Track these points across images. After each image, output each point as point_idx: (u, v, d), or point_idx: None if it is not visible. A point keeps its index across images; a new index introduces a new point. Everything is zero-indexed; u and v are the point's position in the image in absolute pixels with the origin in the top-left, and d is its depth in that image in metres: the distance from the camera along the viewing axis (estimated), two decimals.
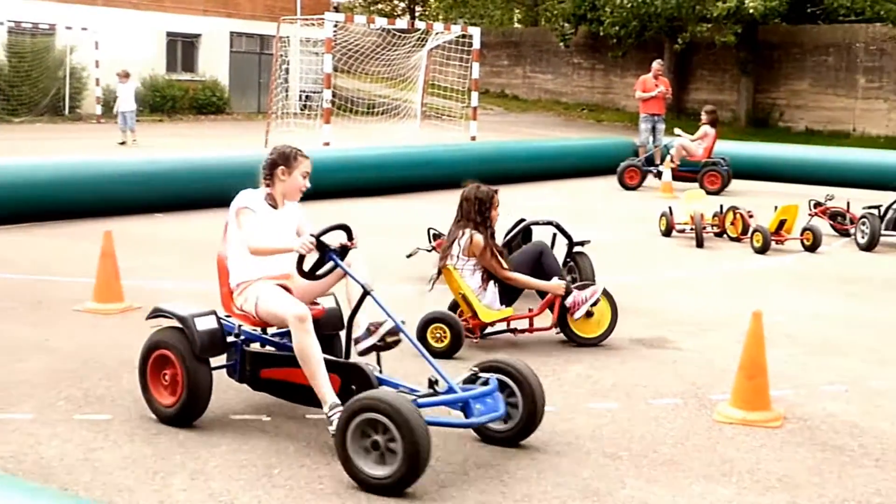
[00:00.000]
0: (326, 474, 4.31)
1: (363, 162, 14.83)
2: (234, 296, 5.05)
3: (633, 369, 6.07)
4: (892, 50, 29.62)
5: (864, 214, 11.08)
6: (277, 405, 5.12)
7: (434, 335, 6.29)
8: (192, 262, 9.01)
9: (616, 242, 10.83)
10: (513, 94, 40.13)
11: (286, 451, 4.55)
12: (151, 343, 4.91)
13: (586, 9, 33.43)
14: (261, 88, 34.07)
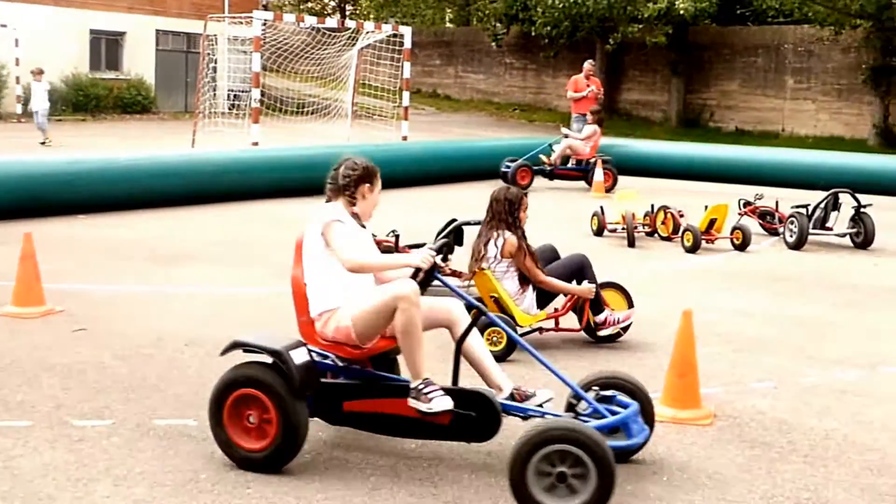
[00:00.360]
0: (254, 479, 4.27)
1: (293, 162, 14.73)
2: (318, 326, 4.61)
3: (566, 368, 6.07)
4: (819, 51, 30.27)
5: (793, 214, 11.30)
6: (206, 409, 5.05)
7: (490, 339, 6.24)
8: (115, 265, 8.87)
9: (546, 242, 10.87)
10: (445, 93, 40.21)
11: (213, 456, 4.49)
12: (230, 381, 4.34)
13: (518, 9, 33.65)
14: (188, 87, 33.67)
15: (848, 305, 8.24)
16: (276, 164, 14.48)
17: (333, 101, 23.11)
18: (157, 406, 5.15)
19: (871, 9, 26.25)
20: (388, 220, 11.78)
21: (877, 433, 5.12)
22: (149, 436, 4.75)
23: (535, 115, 35.90)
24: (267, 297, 7.82)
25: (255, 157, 14.72)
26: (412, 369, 4.44)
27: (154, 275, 8.53)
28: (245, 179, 13.77)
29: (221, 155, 14.42)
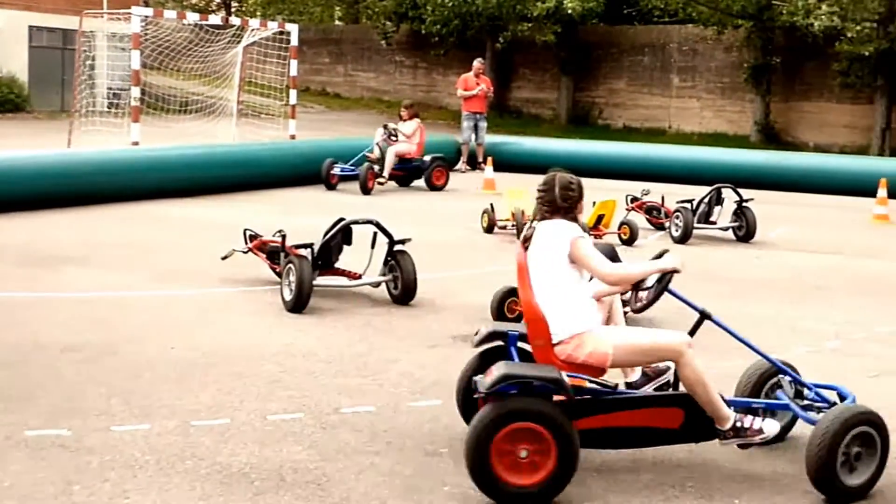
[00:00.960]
0: (132, 488, 4.14)
1: (175, 162, 14.44)
2: (567, 348, 4.47)
3: (455, 366, 6.05)
4: (703, 50, 31.03)
5: (678, 208, 11.55)
6: (81, 416, 4.90)
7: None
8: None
9: (438, 240, 10.91)
10: (334, 92, 39.97)
11: (88, 467, 4.35)
12: (501, 415, 4.05)
13: (408, 7, 33.67)
14: (64, 85, 32.67)
15: (731, 297, 8.44)
16: (157, 164, 14.16)
17: (218, 100, 22.74)
18: (29, 416, 4.95)
19: (752, 9, 27.06)
20: (275, 220, 11.67)
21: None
22: (19, 447, 4.56)
23: (427, 113, 35.92)
24: (148, 301, 7.63)
25: (136, 157, 14.38)
26: (717, 413, 4.45)
27: (29, 279, 8.23)
28: (125, 180, 13.41)
29: (100, 155, 14.04)
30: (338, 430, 4.92)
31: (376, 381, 5.75)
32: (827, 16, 24.74)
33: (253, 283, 8.36)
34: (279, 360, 6.11)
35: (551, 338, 4.48)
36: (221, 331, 6.76)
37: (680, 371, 4.45)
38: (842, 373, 6.20)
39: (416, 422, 5.07)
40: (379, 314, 7.43)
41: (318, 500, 4.10)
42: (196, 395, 5.38)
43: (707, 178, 15.21)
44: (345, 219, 8.08)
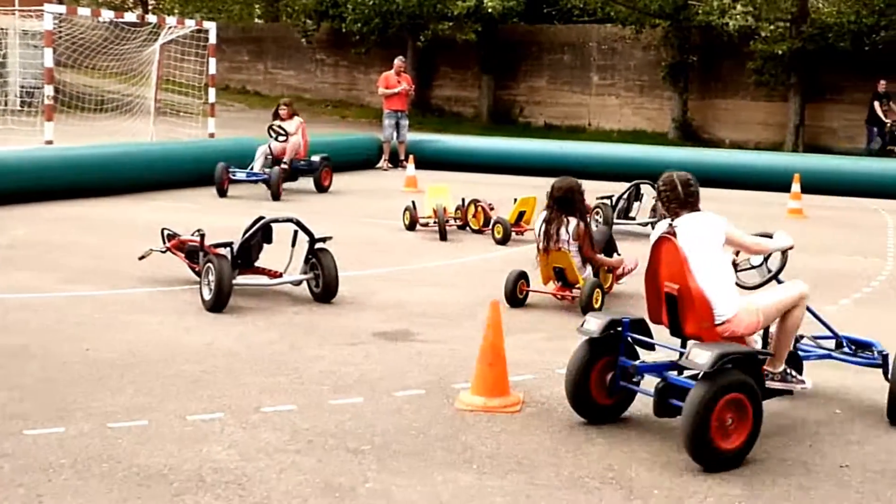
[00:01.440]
0: (46, 492, 4.05)
1: (90, 161, 14.16)
2: (731, 326, 4.97)
3: (377, 363, 6.10)
4: (622, 49, 31.40)
5: (598, 204, 11.64)
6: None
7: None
8: None
9: (360, 238, 10.88)
10: (254, 90, 39.59)
11: (0, 472, 4.24)
12: (722, 388, 4.49)
13: (328, 5, 33.49)
14: None
15: None
16: (71, 163, 13.87)
17: (136, 98, 22.38)
18: None
19: (669, 9, 27.46)
20: (194, 219, 11.52)
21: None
22: None
23: (348, 111, 35.82)
24: (62, 302, 7.47)
25: (49, 156, 14.07)
26: (780, 355, 5.20)
27: None
28: (38, 179, 13.11)
29: (11, 154, 13.72)
30: (259, 429, 4.87)
31: (297, 379, 5.71)
32: (741, 15, 25.23)
33: (172, 282, 8.24)
34: (199, 359, 6.04)
35: (715, 318, 4.96)
36: (139, 331, 6.65)
37: (792, 312, 5.15)
38: None
39: (338, 420, 5.05)
40: (300, 312, 7.38)
41: (238, 500, 4.05)
42: (113, 396, 5.29)
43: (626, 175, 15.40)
44: (264, 217, 8.01)
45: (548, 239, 7.87)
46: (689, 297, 4.96)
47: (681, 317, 5.04)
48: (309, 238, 7.78)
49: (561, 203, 7.99)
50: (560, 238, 7.85)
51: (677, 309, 5.05)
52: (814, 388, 5.60)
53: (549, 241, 7.87)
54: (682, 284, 4.98)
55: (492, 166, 19.18)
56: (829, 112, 27.80)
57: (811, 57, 26.27)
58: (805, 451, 4.79)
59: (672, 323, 5.15)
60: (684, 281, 4.97)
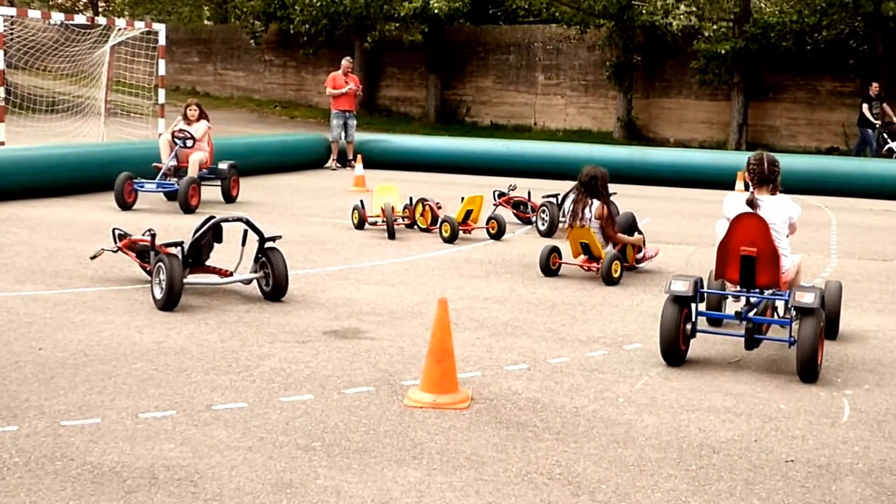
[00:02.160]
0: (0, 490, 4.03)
1: (42, 162, 13.99)
2: (784, 277, 6.49)
3: (327, 360, 6.12)
4: (567, 49, 31.58)
5: (544, 203, 11.75)
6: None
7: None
8: None
9: (309, 237, 10.86)
10: (204, 91, 39.28)
11: None
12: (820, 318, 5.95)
13: (276, 7, 33.32)
14: None
15: (595, 288, 8.64)
16: (23, 164, 13.70)
17: (86, 99, 22.13)
18: None
19: (613, 9, 27.66)
20: (144, 220, 11.44)
21: (622, 408, 5.38)
22: None
23: (297, 111, 35.67)
24: (12, 301, 7.38)
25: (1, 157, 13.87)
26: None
27: None
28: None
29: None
30: (210, 426, 4.87)
31: (248, 377, 5.71)
32: (685, 15, 25.49)
33: (123, 282, 8.18)
34: (150, 357, 6.01)
35: (781, 272, 6.38)
36: (91, 330, 6.60)
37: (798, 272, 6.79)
38: (703, 359, 6.42)
39: (288, 417, 5.06)
40: (251, 311, 7.37)
41: (190, 497, 4.05)
42: (65, 394, 5.25)
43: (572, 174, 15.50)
44: (215, 217, 7.98)
45: (574, 217, 9.19)
46: (766, 258, 6.29)
47: (756, 272, 6.32)
48: (259, 237, 7.76)
49: (586, 186, 9.27)
50: (584, 216, 9.12)
51: (753, 266, 6.29)
52: (758, 384, 5.72)
53: (574, 219, 9.17)
54: (761, 248, 6.27)
55: (439, 166, 19.24)
56: (771, 111, 28.20)
57: (754, 56, 26.60)
58: (750, 446, 4.87)
59: (745, 277, 6.35)
60: (764, 246, 6.27)
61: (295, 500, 4.05)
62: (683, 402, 5.53)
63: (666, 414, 5.30)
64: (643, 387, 5.78)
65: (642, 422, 5.16)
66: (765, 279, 6.38)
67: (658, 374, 6.04)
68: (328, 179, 17.42)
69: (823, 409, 5.46)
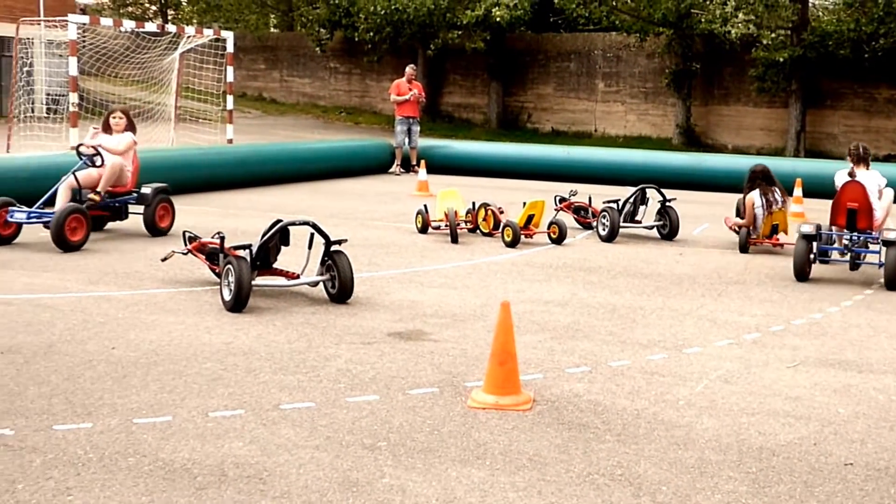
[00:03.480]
0: (75, 485, 4.08)
1: None
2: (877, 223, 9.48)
3: (392, 362, 6.12)
4: (626, 57, 31.41)
5: (605, 208, 11.66)
6: (23, 416, 4.81)
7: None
8: None
9: (373, 240, 10.90)
10: (270, 97, 39.72)
11: (31, 465, 4.27)
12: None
13: (341, 15, 33.58)
14: (2, 91, 32.11)
15: (655, 292, 8.56)
16: None
17: (156, 105, 22.47)
18: None
19: (672, 17, 27.46)
20: (213, 222, 11.57)
21: (682, 410, 5.32)
22: None
23: (361, 117, 35.90)
24: (86, 302, 7.51)
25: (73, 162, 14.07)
26: None
27: None
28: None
29: (37, 159, 13.78)
30: (278, 425, 4.89)
31: (315, 377, 5.73)
32: (743, 24, 25.23)
33: (192, 283, 8.27)
34: (219, 357, 6.06)
35: (874, 219, 9.41)
36: (162, 330, 6.68)
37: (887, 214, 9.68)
38: (762, 363, 6.33)
39: (354, 416, 5.07)
40: (317, 313, 7.40)
41: (259, 495, 4.07)
42: (138, 393, 5.32)
43: (631, 179, 15.40)
44: (282, 220, 8.03)
45: (770, 204, 10.99)
46: (864, 210, 9.34)
47: (857, 219, 9.34)
48: (325, 240, 7.80)
49: (764, 177, 11.10)
50: (777, 201, 11.00)
51: (856, 215, 9.32)
52: (816, 388, 5.61)
53: (770, 206, 11.00)
54: (861, 204, 9.35)
55: (500, 171, 19.22)
56: (829, 118, 27.77)
57: (811, 64, 26.23)
58: (809, 449, 4.79)
59: (849, 223, 9.38)
60: (864, 202, 9.36)
61: (361, 499, 4.05)
62: (743, 405, 5.44)
63: (726, 417, 5.23)
64: (703, 390, 5.70)
65: (702, 424, 5.09)
66: (863, 224, 9.35)
67: (718, 378, 5.96)
68: (392, 184, 17.49)
69: (882, 413, 5.34)
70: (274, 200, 14.49)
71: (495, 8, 28.18)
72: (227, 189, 15.43)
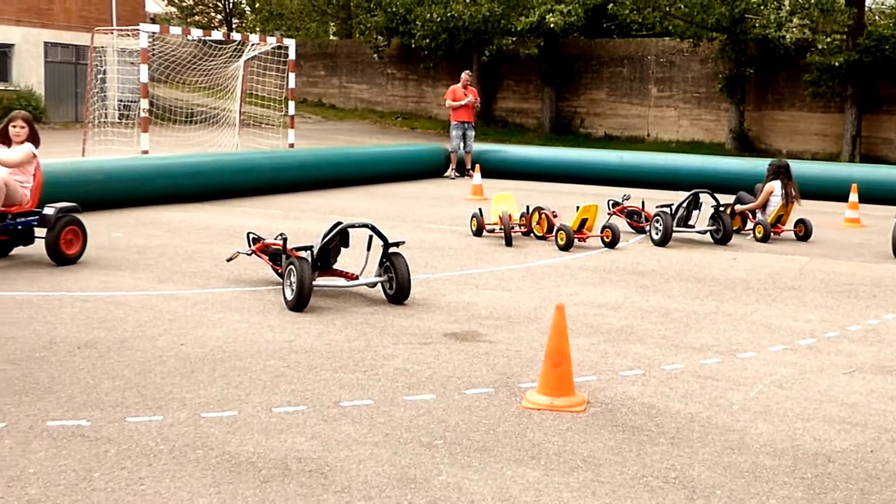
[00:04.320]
0: (147, 475, 4.18)
1: (181, 169, 14.47)
2: None
3: (448, 362, 6.15)
4: (679, 62, 31.14)
5: (658, 213, 11.58)
6: (98, 408, 4.93)
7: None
8: (6, 271, 8.55)
9: (430, 243, 10.95)
10: (330, 103, 40.03)
11: (106, 455, 4.38)
12: None
13: (398, 22, 33.76)
14: (77, 98, 32.83)
15: (708, 297, 8.49)
16: (164, 171, 14.19)
17: (222, 111, 22.79)
18: (49, 408, 4.99)
19: (726, 22, 27.16)
20: (276, 224, 11.70)
21: (737, 415, 5.27)
22: (42, 437, 4.60)
23: (417, 122, 36.02)
24: (155, 299, 7.65)
25: (145, 165, 14.39)
26: None
27: (45, 280, 8.26)
28: (134, 187, 13.45)
29: (111, 163, 14.06)
30: (338, 421, 4.95)
31: (374, 375, 5.78)
32: (798, 28, 24.88)
33: (256, 283, 8.39)
34: (282, 355, 6.15)
35: None
36: (227, 328, 6.79)
37: None
38: (817, 369, 6.26)
39: (412, 415, 5.11)
40: (375, 313, 7.46)
41: (321, 489, 4.13)
42: (205, 388, 5.42)
43: (685, 184, 15.27)
44: (342, 222, 8.11)
45: (788, 196, 12.11)
46: None
47: None
48: (383, 243, 7.86)
49: (786, 172, 12.21)
50: (793, 195, 12.12)
51: None
52: (873, 395, 5.54)
53: (789, 198, 12.10)
54: None
55: (554, 175, 19.17)
56: (885, 123, 27.29)
57: (867, 69, 25.78)
58: (866, 456, 4.72)
59: None
60: None
61: (419, 495, 4.09)
62: (798, 410, 5.38)
63: (780, 422, 5.17)
64: (757, 395, 5.65)
65: (757, 429, 5.04)
66: None
67: (772, 383, 5.90)
68: (447, 188, 17.54)
69: None
70: (333, 203, 14.61)
71: (549, 14, 28.11)
72: (289, 192, 15.59)
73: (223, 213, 13.07)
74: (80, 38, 32.44)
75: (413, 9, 31.78)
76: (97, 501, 3.93)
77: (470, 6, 30.11)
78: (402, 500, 4.03)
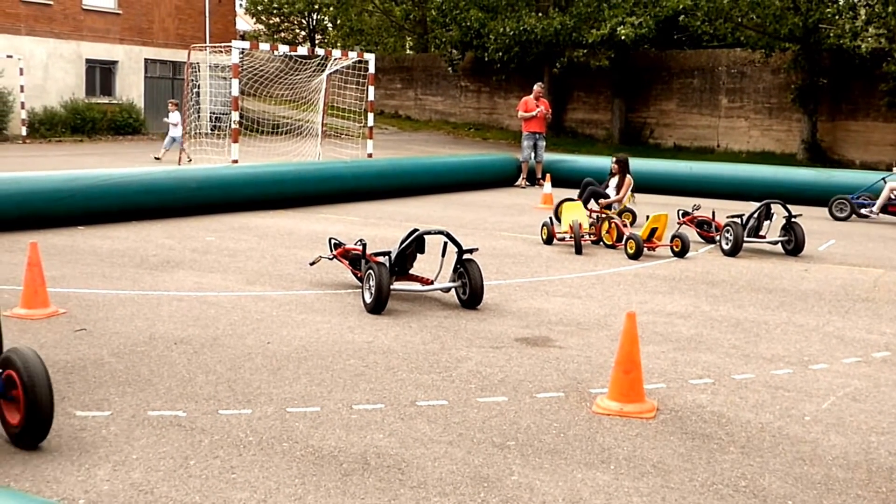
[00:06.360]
0: (238, 465, 4.29)
1: (268, 178, 14.73)
2: None
3: (519, 366, 6.17)
4: (751, 72, 30.64)
5: (728, 223, 11.40)
6: (194, 400, 5.08)
7: None
8: (111, 271, 8.81)
9: (502, 250, 10.96)
10: (406, 114, 40.30)
11: (200, 445, 4.52)
12: None
13: (472, 36, 33.85)
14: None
15: (779, 308, 8.35)
16: (252, 179, 14.46)
17: (305, 122, 23.13)
18: (150, 399, 5.17)
19: (799, 33, 26.62)
20: (355, 230, 11.84)
21: (808, 426, 5.17)
22: (143, 425, 4.77)
23: (489, 133, 36.05)
24: (244, 300, 7.81)
25: (235, 174, 14.68)
26: None
27: (145, 280, 8.50)
28: (225, 194, 13.79)
29: (204, 171, 14.39)
30: (415, 420, 5.01)
31: (448, 377, 5.83)
32: (874, 38, 24.23)
33: (337, 286, 8.50)
34: (362, 355, 6.24)
35: None
36: (310, 328, 6.91)
37: None
38: (892, 382, 6.12)
39: (484, 416, 5.14)
40: (449, 317, 7.51)
41: (398, 484, 4.19)
42: (290, 384, 5.53)
43: (756, 195, 15.04)
44: (418, 230, 8.19)
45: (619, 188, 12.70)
46: None
47: None
48: (458, 249, 7.91)
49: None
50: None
51: None
52: None
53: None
54: None
55: None
56: None
57: None
58: None
59: None
60: None
61: (492, 494, 4.12)
62: (872, 423, 5.26)
63: (854, 435, 5.07)
64: (830, 406, 5.54)
65: (829, 441, 4.94)
66: None
67: (845, 395, 5.77)
68: (518, 197, 17.52)
69: None
70: (409, 211, 14.72)
71: (621, 27, 27.92)
72: (367, 199, 15.74)
73: (306, 220, 13.26)
74: (177, 54, 33.74)
75: (487, 23, 31.85)
76: (194, 487, 4.06)
77: (542, 20, 30.07)
78: (476, 498, 4.07)
